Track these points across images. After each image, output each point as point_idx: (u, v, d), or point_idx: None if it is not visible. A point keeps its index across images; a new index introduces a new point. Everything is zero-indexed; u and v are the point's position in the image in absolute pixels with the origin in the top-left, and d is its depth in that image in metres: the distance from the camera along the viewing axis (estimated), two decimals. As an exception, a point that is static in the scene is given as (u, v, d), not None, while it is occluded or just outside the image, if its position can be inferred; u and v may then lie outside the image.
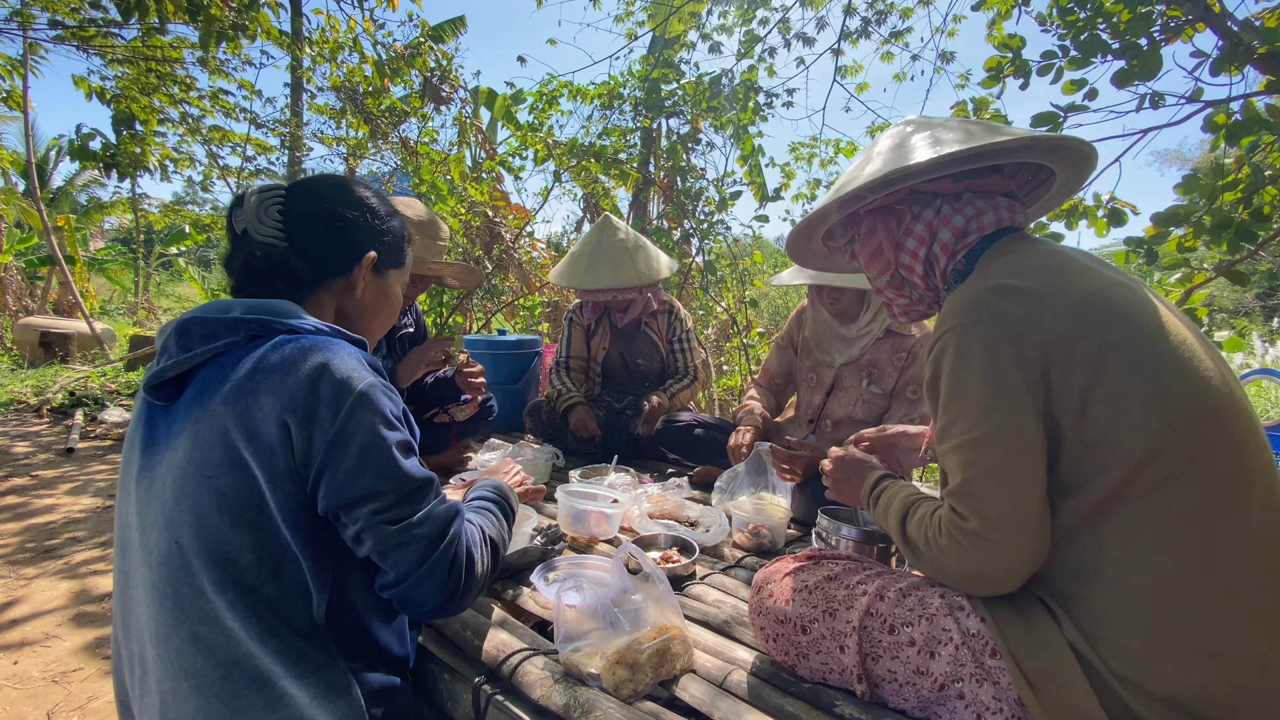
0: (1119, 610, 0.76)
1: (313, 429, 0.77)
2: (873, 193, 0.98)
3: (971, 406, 0.82)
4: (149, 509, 0.80)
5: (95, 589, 2.49)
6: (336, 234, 0.95)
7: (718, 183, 4.67)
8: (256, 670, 0.75)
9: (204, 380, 0.81)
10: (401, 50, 5.14)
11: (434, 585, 0.83)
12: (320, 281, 0.94)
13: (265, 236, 0.91)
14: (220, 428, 0.77)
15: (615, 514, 1.64)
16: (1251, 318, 15.34)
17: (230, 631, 0.75)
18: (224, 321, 0.83)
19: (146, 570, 0.79)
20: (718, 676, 1.04)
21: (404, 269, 1.07)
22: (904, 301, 1.11)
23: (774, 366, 2.26)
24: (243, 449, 0.76)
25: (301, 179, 0.99)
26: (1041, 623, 0.80)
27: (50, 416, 5.41)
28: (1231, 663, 0.72)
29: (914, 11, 4.60)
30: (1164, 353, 0.78)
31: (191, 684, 0.75)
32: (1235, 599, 0.73)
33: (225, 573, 0.75)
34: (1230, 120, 2.13)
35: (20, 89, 6.70)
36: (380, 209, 1.01)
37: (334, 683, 0.79)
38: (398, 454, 0.82)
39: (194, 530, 0.76)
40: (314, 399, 0.78)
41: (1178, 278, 2.35)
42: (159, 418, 0.84)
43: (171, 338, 0.84)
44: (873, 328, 1.98)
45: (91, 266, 11.83)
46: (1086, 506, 0.78)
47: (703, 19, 4.58)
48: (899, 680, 0.90)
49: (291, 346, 0.81)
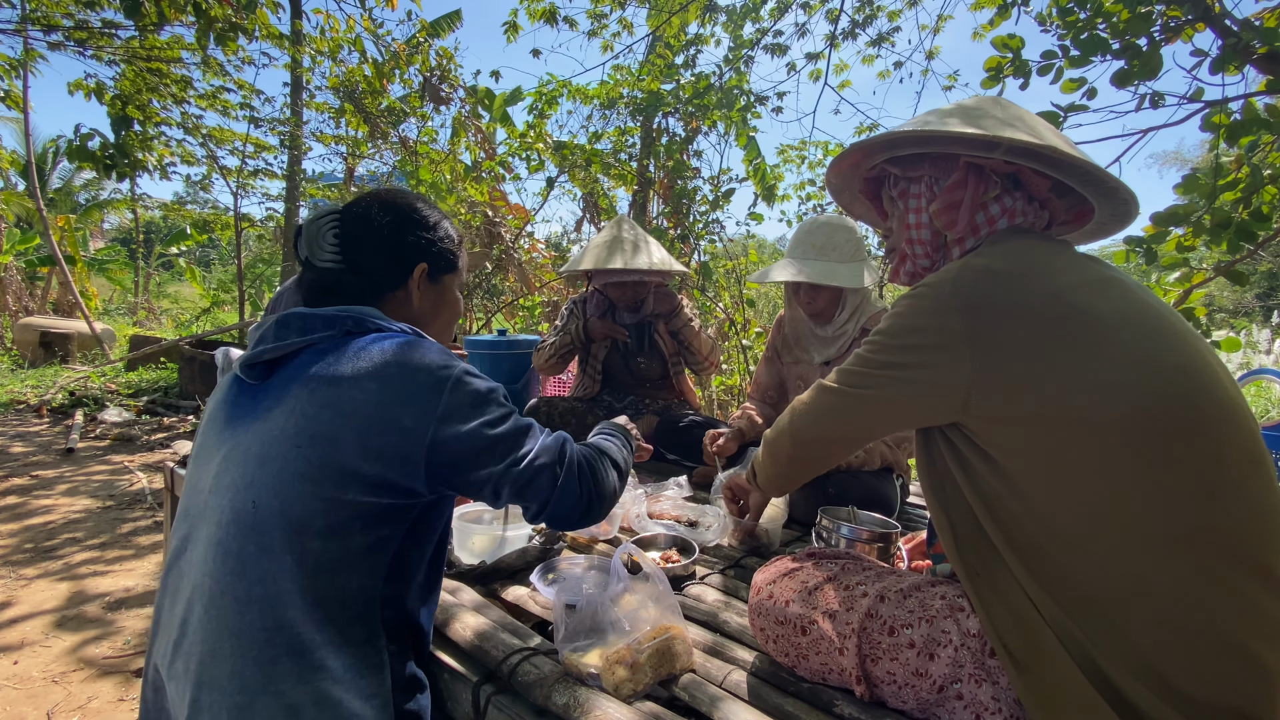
0: (1096, 590, 0.77)
1: (419, 410, 0.85)
2: (1006, 155, 0.96)
3: (895, 339, 0.91)
4: (227, 472, 0.85)
5: (94, 589, 2.49)
6: (387, 251, 1.01)
7: (713, 180, 4.68)
8: (299, 639, 0.79)
9: (303, 363, 0.89)
10: (401, 49, 5.14)
11: (571, 500, 0.96)
12: (380, 295, 1.01)
13: (325, 261, 0.99)
14: (320, 405, 0.84)
15: (615, 514, 1.64)
16: (1252, 317, 15.34)
17: (285, 595, 0.79)
18: (321, 317, 0.92)
19: (214, 529, 0.83)
20: (718, 676, 1.04)
21: (459, 272, 1.13)
22: (925, 263, 1.10)
23: (764, 379, 2.27)
24: (340, 426, 0.83)
25: (353, 200, 1.05)
26: (1022, 605, 0.81)
27: (50, 416, 5.41)
28: (1207, 641, 0.73)
29: (900, 14, 4.63)
30: (1131, 345, 0.80)
31: (233, 644, 0.78)
32: (1212, 580, 0.74)
33: (296, 536, 0.80)
34: (1230, 120, 2.13)
35: (20, 89, 6.70)
36: (429, 218, 1.06)
37: (370, 659, 0.83)
38: (497, 415, 0.92)
39: (274, 492, 0.81)
40: (415, 384, 0.86)
41: (1177, 277, 2.35)
42: (246, 395, 0.91)
43: (270, 329, 0.92)
44: (848, 328, 1.98)
45: (91, 266, 11.83)
46: (1066, 487, 0.79)
47: (700, 27, 4.61)
48: (898, 682, 0.90)
49: (390, 340, 0.90)
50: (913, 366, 0.89)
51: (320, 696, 0.78)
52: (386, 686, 0.84)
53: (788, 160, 5.17)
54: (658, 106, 4.39)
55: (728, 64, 4.56)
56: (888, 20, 4.68)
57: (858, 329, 1.97)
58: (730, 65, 4.54)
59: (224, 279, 12.61)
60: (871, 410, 0.97)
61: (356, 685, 0.81)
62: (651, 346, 2.66)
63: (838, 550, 1.27)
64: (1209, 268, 2.34)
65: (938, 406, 0.88)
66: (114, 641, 2.16)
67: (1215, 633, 0.73)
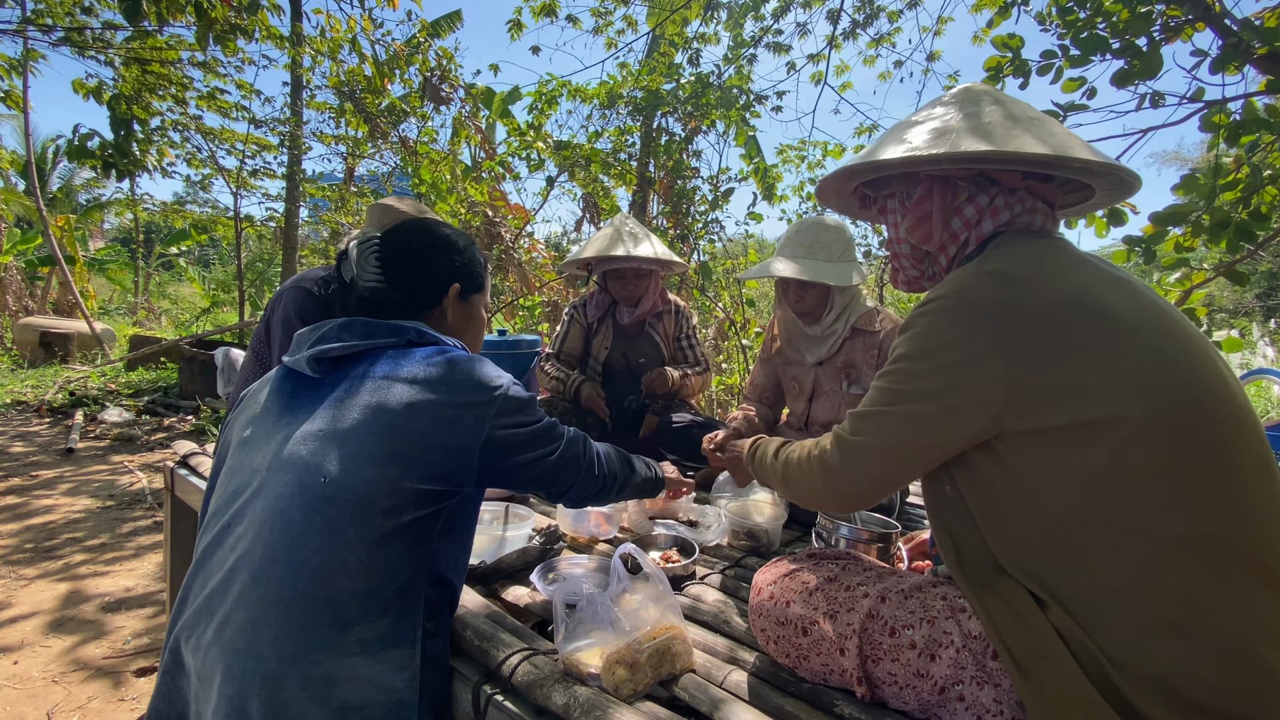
0: (1103, 594, 0.77)
1: (479, 412, 0.98)
2: (954, 163, 0.93)
3: (922, 362, 0.85)
4: (294, 453, 0.92)
5: (94, 590, 2.49)
6: (425, 272, 1.14)
7: (712, 179, 4.68)
8: (345, 611, 0.85)
9: (370, 363, 0.99)
10: (401, 49, 5.14)
11: (590, 482, 1.16)
12: (419, 312, 1.13)
13: (369, 281, 1.10)
14: (395, 400, 0.94)
15: (615, 514, 1.64)
16: (1252, 317, 15.34)
17: (341, 565, 0.86)
18: (385, 325, 1.04)
19: (274, 501, 0.89)
20: (718, 676, 1.04)
21: (484, 291, 1.25)
22: (914, 273, 1.10)
23: (760, 380, 2.28)
24: (412, 419, 0.93)
25: (391, 228, 1.16)
26: (1027, 609, 0.80)
27: (50, 416, 5.41)
28: (1214, 645, 0.72)
29: (900, 14, 4.63)
30: (1150, 346, 0.79)
31: (280, 611, 0.83)
32: (1220, 583, 0.73)
33: (362, 511, 0.88)
34: (1229, 120, 2.13)
35: (19, 89, 6.70)
36: (459, 243, 1.19)
37: (406, 633, 0.90)
38: (535, 418, 1.07)
39: (347, 470, 0.89)
40: (478, 390, 0.99)
41: (1177, 277, 2.35)
42: (305, 387, 1.01)
43: (333, 330, 1.02)
44: (837, 327, 1.99)
45: (91, 266, 11.83)
46: (1073, 489, 0.79)
47: (698, 27, 4.61)
48: (899, 683, 0.90)
49: (451, 353, 1.03)
50: (942, 393, 0.83)
51: (354, 670, 0.84)
52: (416, 661, 0.90)
53: (787, 161, 5.16)
54: (657, 106, 4.39)
55: (727, 62, 4.56)
56: (888, 21, 4.68)
57: (847, 329, 1.98)
58: (730, 64, 4.54)
59: (224, 279, 12.60)
60: (906, 454, 0.89)
61: (390, 657, 0.87)
62: (651, 345, 2.66)
63: (838, 551, 1.26)
64: (1209, 268, 2.34)
65: (973, 428, 0.83)
66: (114, 641, 2.16)
67: (1224, 638, 0.72)
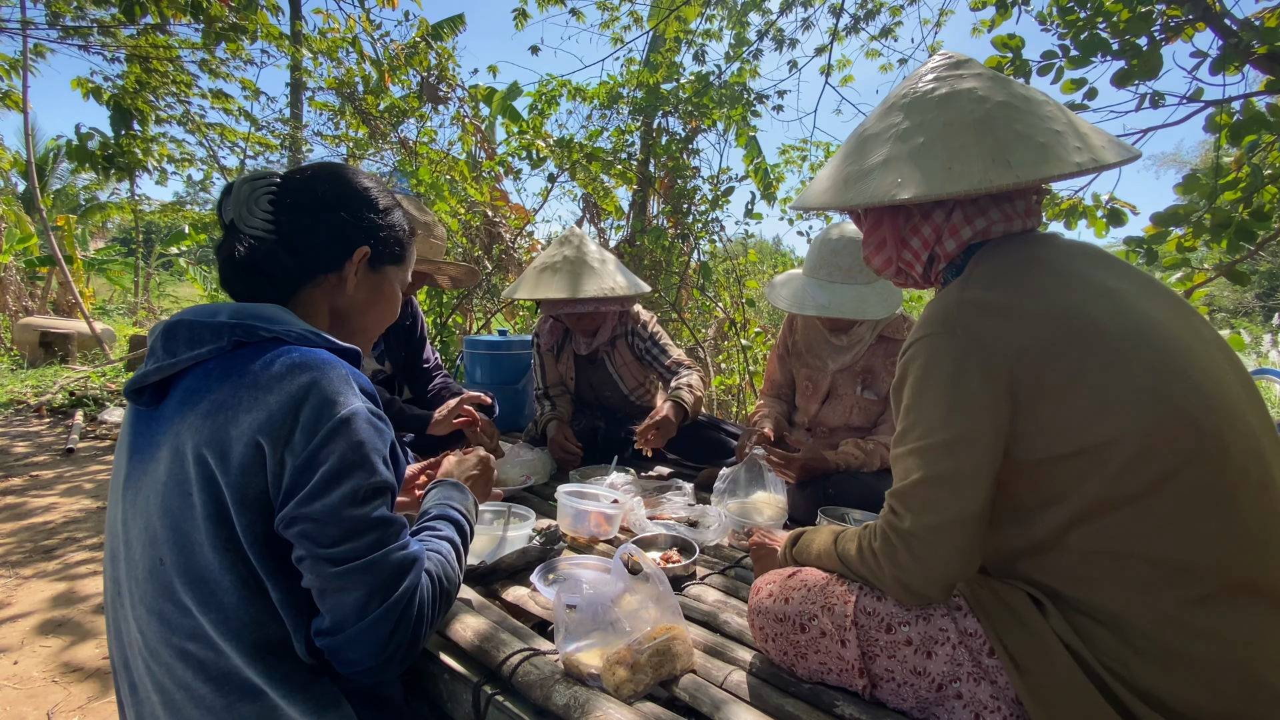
0: (1102, 612, 0.77)
1: (285, 452, 0.74)
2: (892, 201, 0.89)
3: (932, 414, 0.82)
4: (134, 521, 0.79)
5: (93, 590, 2.49)
6: (327, 226, 0.90)
7: (712, 179, 4.68)
8: (249, 683, 0.75)
9: (187, 389, 0.78)
10: (400, 49, 5.14)
11: (371, 644, 0.75)
12: (310, 277, 0.90)
13: (253, 228, 0.86)
14: (197, 444, 0.74)
15: (615, 514, 1.64)
16: (1252, 317, 15.33)
17: (218, 648, 0.75)
18: (209, 326, 0.80)
19: (134, 584, 0.79)
20: (718, 677, 1.04)
21: (404, 265, 1.01)
22: (898, 281, 1.09)
23: (777, 375, 2.24)
24: (215, 468, 0.73)
25: (298, 168, 0.94)
26: (1028, 612, 0.81)
27: (50, 416, 5.41)
28: (1212, 674, 0.72)
29: (901, 10, 4.63)
30: (1143, 366, 0.76)
31: (185, 696, 0.76)
32: (1215, 609, 0.73)
33: (208, 592, 0.74)
34: (1231, 120, 2.13)
35: (19, 89, 6.70)
36: (379, 200, 0.96)
37: (323, 699, 0.78)
38: (361, 486, 0.76)
39: (175, 548, 0.75)
40: (293, 420, 0.74)
41: (1178, 277, 2.35)
42: (143, 423, 0.82)
43: (158, 341, 0.81)
44: (865, 335, 1.96)
45: (91, 267, 11.82)
46: (1067, 515, 0.78)
47: (698, 24, 4.60)
48: (897, 680, 0.90)
49: (280, 361, 0.77)
50: (964, 435, 0.80)
51: None
52: (351, 717, 0.80)
53: (789, 161, 5.15)
54: (658, 106, 4.39)
55: (729, 60, 4.56)
56: (890, 16, 4.68)
57: (874, 336, 1.94)
58: (732, 61, 4.54)
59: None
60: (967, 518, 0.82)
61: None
62: (608, 382, 2.49)
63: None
64: (1209, 268, 2.34)
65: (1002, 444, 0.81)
66: (114, 641, 2.16)
67: (1223, 664, 0.72)
